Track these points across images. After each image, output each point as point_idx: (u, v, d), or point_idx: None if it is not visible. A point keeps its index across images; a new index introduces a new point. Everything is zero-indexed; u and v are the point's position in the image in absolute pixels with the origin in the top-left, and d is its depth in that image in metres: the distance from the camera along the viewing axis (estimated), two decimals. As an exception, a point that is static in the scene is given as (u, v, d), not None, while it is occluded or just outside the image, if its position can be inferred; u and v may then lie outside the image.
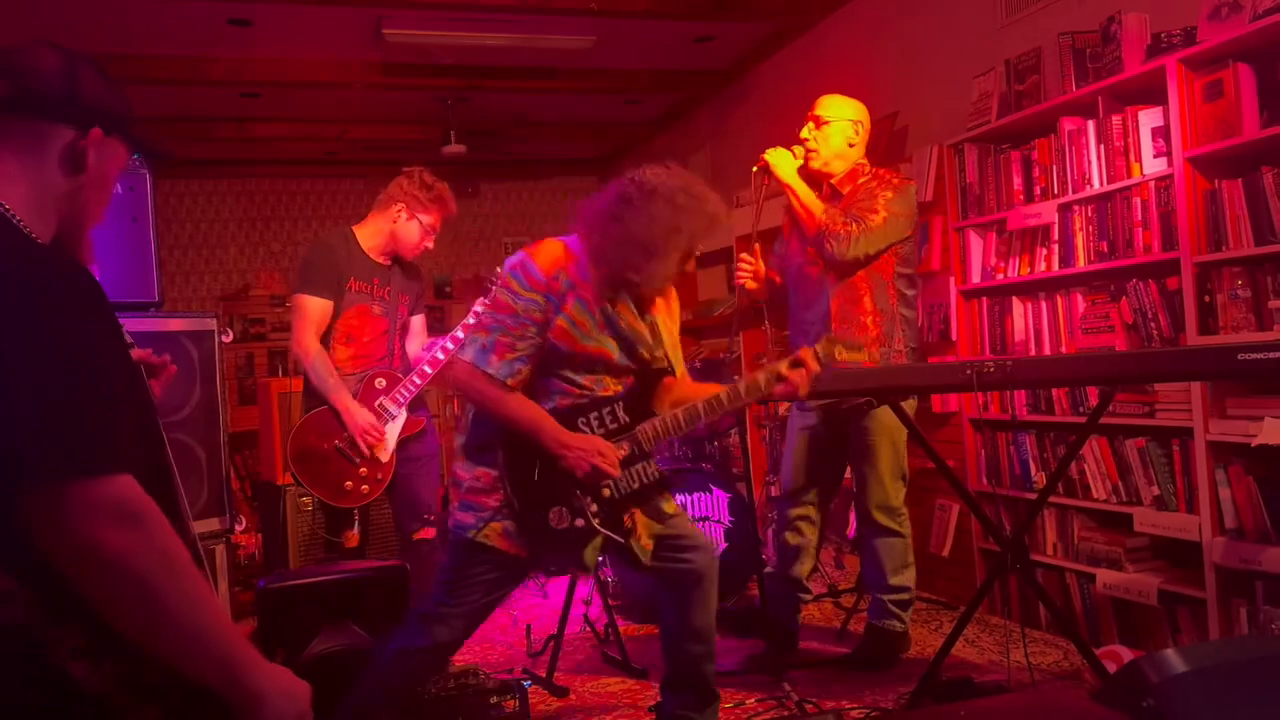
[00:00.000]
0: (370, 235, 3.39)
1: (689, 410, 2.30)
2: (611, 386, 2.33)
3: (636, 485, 2.30)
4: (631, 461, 2.29)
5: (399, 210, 3.35)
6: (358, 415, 3.23)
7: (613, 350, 2.30)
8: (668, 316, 2.47)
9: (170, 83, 5.86)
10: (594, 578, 3.91)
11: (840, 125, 3.37)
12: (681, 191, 2.23)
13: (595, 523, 2.25)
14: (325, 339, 3.31)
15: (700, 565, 2.39)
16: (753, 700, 3.09)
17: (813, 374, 2.29)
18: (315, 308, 3.27)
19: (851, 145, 3.39)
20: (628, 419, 2.31)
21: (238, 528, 3.67)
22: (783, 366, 2.31)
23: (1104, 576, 3.36)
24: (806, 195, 3.30)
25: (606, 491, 2.26)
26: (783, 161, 3.31)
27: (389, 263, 3.43)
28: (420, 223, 3.36)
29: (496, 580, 2.30)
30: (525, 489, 2.25)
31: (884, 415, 3.26)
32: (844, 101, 3.41)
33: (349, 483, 3.29)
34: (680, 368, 2.48)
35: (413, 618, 2.38)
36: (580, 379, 2.30)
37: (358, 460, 3.27)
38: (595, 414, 2.30)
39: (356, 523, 3.41)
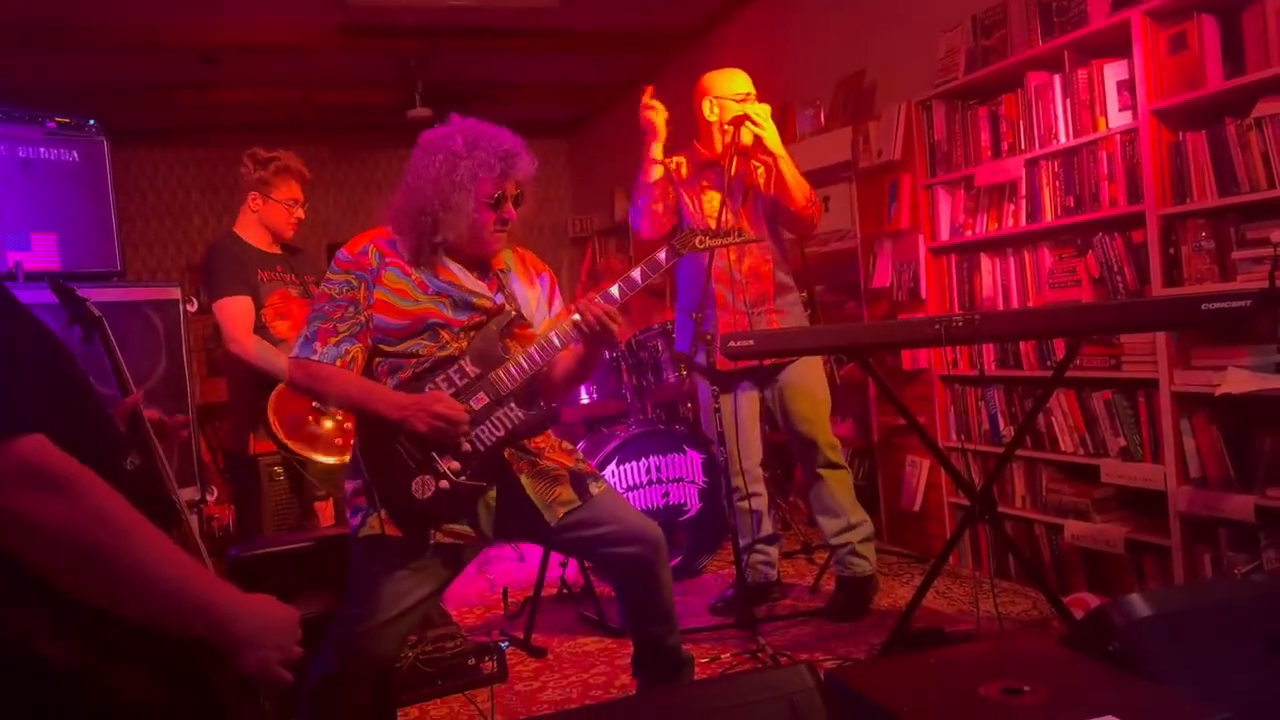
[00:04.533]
0: (249, 231, 3.39)
1: (543, 344, 2.20)
2: (453, 345, 2.20)
3: (502, 433, 2.18)
4: (491, 410, 2.17)
5: (252, 199, 3.35)
6: None
7: (442, 308, 2.20)
8: (529, 273, 2.38)
9: (126, 49, 5.73)
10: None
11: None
12: (453, 135, 2.19)
13: (462, 479, 2.14)
14: (258, 323, 3.32)
15: (645, 555, 2.26)
16: (727, 655, 3.13)
17: (611, 312, 2.15)
18: (238, 306, 3.27)
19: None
20: (477, 371, 2.19)
21: (209, 498, 3.65)
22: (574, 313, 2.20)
23: (1071, 527, 3.41)
24: (792, 165, 3.31)
25: (467, 446, 2.15)
26: (771, 128, 3.31)
27: (279, 251, 3.45)
28: (277, 203, 3.33)
29: (401, 577, 2.15)
30: (385, 471, 2.14)
31: (808, 362, 3.45)
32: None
33: (339, 439, 3.30)
34: (548, 325, 2.33)
35: (328, 640, 2.18)
36: (417, 347, 2.19)
37: (339, 415, 3.30)
38: (442, 375, 2.18)
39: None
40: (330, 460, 3.31)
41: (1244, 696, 1.52)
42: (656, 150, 3.34)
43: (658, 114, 3.31)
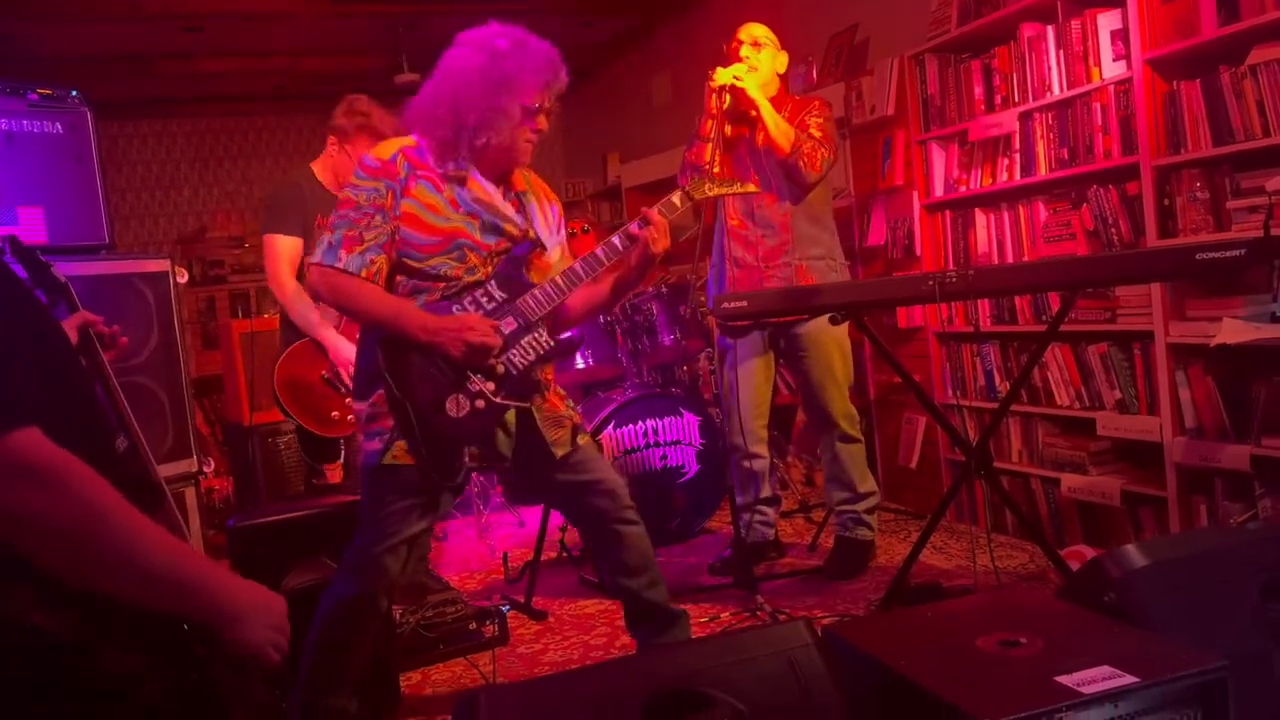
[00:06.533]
0: (325, 171, 3.36)
1: (568, 272, 2.21)
2: (480, 269, 2.19)
3: (532, 357, 2.19)
4: (521, 334, 2.19)
5: (331, 142, 3.34)
6: (343, 349, 3.24)
7: (471, 229, 2.17)
8: (542, 196, 2.36)
9: (106, 19, 5.64)
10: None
11: (771, 50, 3.38)
12: (497, 37, 2.11)
13: (497, 399, 2.14)
14: (300, 275, 3.27)
15: (608, 508, 2.29)
16: (727, 614, 3.15)
17: (661, 228, 2.21)
18: (285, 245, 3.24)
19: (779, 73, 3.41)
20: (504, 296, 2.19)
21: (207, 469, 3.65)
22: (632, 226, 2.24)
23: (1068, 480, 3.42)
24: (776, 115, 3.27)
25: (500, 368, 2.16)
26: (751, 80, 3.26)
27: None
28: (349, 155, 3.30)
29: (416, 505, 2.18)
30: (414, 390, 2.11)
31: (830, 328, 3.32)
32: (768, 30, 3.41)
33: (335, 412, 3.30)
34: (559, 252, 2.36)
35: (343, 566, 2.26)
36: (444, 269, 2.16)
37: (344, 390, 3.28)
38: (469, 298, 2.17)
39: (342, 453, 3.41)
40: (316, 431, 3.31)
41: (1239, 644, 1.53)
42: (708, 126, 3.29)
43: (719, 99, 3.25)
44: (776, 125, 3.24)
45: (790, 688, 1.39)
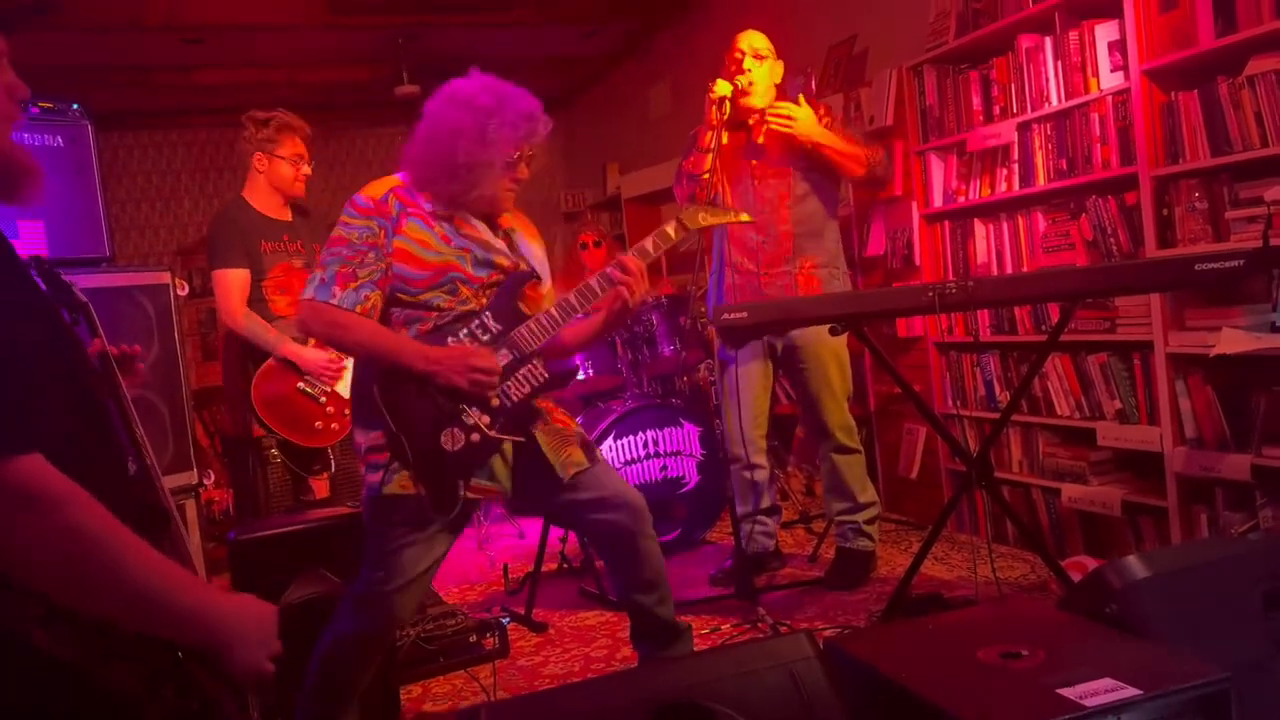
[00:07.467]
0: (258, 196, 3.42)
1: (562, 303, 2.23)
2: (474, 300, 2.20)
3: (527, 389, 2.20)
4: (516, 366, 2.19)
5: (257, 160, 3.40)
6: (308, 356, 3.27)
7: (463, 262, 2.19)
8: (529, 235, 2.38)
9: (105, 30, 5.65)
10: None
11: (772, 62, 3.39)
12: (479, 94, 2.15)
13: (492, 433, 2.15)
14: (258, 296, 3.33)
15: (625, 522, 2.27)
16: (728, 625, 3.14)
17: (638, 273, 2.23)
18: (234, 279, 3.29)
19: (776, 84, 3.42)
20: (500, 327, 2.20)
21: (207, 482, 3.65)
22: (613, 272, 2.24)
23: (1068, 491, 3.42)
24: (841, 143, 3.29)
25: (496, 400, 2.16)
26: (803, 116, 3.25)
27: (290, 217, 3.46)
28: (283, 160, 3.38)
29: (424, 538, 2.17)
30: (410, 423, 2.11)
31: (827, 339, 3.31)
32: (768, 40, 3.43)
33: (318, 422, 3.32)
34: (549, 283, 2.39)
35: (346, 602, 2.24)
36: (437, 300, 2.17)
37: (323, 399, 3.31)
38: (464, 329, 2.18)
39: (334, 462, 3.41)
40: (304, 444, 3.32)
41: (1242, 655, 1.52)
42: (708, 138, 3.29)
43: (720, 110, 3.26)
44: (847, 152, 3.28)
45: (792, 701, 1.38)
